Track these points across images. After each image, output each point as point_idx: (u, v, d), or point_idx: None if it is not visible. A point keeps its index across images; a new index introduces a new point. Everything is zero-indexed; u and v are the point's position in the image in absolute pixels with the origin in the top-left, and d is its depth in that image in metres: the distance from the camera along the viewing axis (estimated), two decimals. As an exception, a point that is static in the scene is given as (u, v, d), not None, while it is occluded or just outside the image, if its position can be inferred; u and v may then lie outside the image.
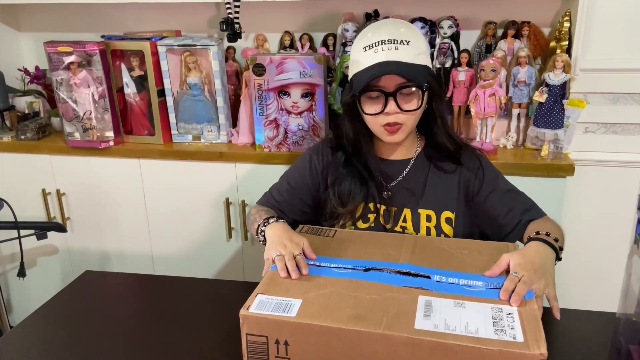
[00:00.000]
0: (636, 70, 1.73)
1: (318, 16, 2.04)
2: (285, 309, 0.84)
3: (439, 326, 0.77)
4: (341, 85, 1.88)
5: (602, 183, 1.84)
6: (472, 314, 0.81)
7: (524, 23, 1.84)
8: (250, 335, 0.84)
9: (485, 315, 0.80)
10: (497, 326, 0.77)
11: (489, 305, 0.83)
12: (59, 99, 1.92)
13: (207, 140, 1.98)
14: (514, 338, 0.75)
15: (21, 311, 2.26)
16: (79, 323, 1.17)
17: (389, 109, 1.09)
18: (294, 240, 1.04)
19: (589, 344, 0.99)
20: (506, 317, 0.79)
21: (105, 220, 2.07)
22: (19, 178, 2.06)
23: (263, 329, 0.83)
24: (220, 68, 1.87)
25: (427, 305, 0.83)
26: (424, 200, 1.19)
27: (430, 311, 0.82)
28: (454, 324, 0.78)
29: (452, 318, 0.79)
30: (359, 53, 1.12)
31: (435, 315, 0.80)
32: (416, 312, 0.81)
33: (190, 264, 2.05)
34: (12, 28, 2.30)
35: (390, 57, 1.07)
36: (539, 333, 0.76)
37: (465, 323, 0.78)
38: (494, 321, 0.79)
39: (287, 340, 0.82)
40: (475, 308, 0.82)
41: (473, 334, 0.76)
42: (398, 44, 1.07)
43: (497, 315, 0.80)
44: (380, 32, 1.10)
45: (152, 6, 2.08)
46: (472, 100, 1.77)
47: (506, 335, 0.75)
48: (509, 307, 0.82)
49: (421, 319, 0.79)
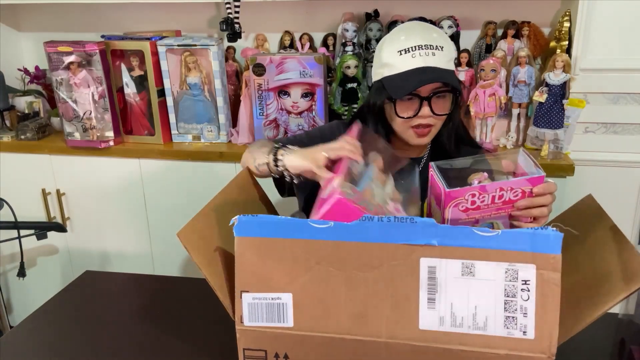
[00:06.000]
0: (636, 70, 1.73)
1: (318, 16, 2.04)
2: (279, 313, 0.78)
3: (444, 320, 0.72)
4: (341, 85, 1.88)
5: (602, 183, 1.84)
6: (482, 288, 0.71)
7: (524, 23, 1.84)
8: (247, 350, 0.80)
9: (497, 292, 0.70)
10: (509, 310, 0.70)
11: (504, 267, 0.70)
12: (59, 99, 1.92)
13: (207, 140, 1.97)
14: (525, 333, 0.70)
15: (21, 311, 2.26)
16: (79, 323, 1.17)
17: (423, 113, 1.10)
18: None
19: (590, 344, 0.99)
20: (521, 289, 0.70)
21: (105, 220, 2.07)
22: (19, 178, 2.06)
23: (261, 343, 0.79)
24: (220, 68, 1.87)
25: (430, 277, 0.73)
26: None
27: (434, 290, 0.73)
28: (461, 314, 0.72)
29: (459, 301, 0.72)
30: (392, 56, 1.11)
31: (440, 299, 0.72)
32: (419, 296, 0.73)
33: (190, 264, 2.05)
34: (12, 28, 2.30)
35: (428, 63, 1.08)
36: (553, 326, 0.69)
37: (474, 310, 0.71)
38: (505, 300, 0.70)
39: (286, 353, 0.78)
40: (487, 274, 0.71)
41: (481, 330, 0.71)
42: (434, 50, 1.08)
43: (510, 289, 0.70)
44: (415, 37, 1.10)
45: (152, 6, 2.07)
46: (472, 100, 1.77)
47: (516, 328, 0.70)
48: (526, 267, 0.69)
49: (425, 309, 0.73)
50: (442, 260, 0.72)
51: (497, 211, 0.87)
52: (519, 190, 0.86)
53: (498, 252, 0.70)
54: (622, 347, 0.93)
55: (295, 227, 0.77)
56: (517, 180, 0.86)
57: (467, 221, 0.86)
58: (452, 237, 0.72)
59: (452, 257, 0.72)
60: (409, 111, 1.11)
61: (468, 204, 0.84)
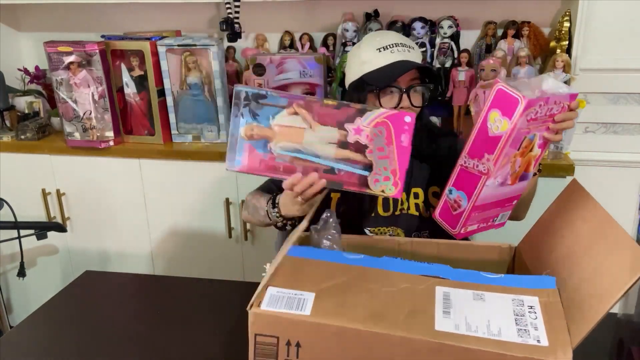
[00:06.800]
0: (636, 70, 1.73)
1: (318, 16, 2.04)
2: (299, 305, 0.79)
3: (460, 327, 0.74)
4: (341, 85, 1.88)
5: (602, 183, 1.84)
6: (493, 308, 0.77)
7: (524, 23, 1.84)
8: (259, 335, 0.78)
9: (507, 311, 0.76)
10: (520, 324, 0.74)
11: (510, 297, 0.78)
12: (59, 99, 1.92)
13: (207, 140, 1.97)
14: (538, 341, 0.71)
15: (21, 311, 2.26)
16: (79, 323, 1.17)
17: (404, 104, 1.18)
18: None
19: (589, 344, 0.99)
20: (528, 312, 0.76)
21: (105, 220, 2.07)
22: (19, 178, 2.06)
23: (275, 329, 0.77)
24: (220, 68, 1.87)
25: (445, 299, 0.79)
26: (413, 180, 1.28)
27: (449, 306, 0.78)
28: (475, 323, 0.74)
29: (472, 315, 0.76)
30: (370, 54, 1.20)
31: (455, 312, 0.76)
32: (435, 308, 0.77)
33: (190, 264, 2.05)
34: (12, 28, 2.30)
35: (406, 57, 1.18)
36: (564, 335, 0.72)
37: (487, 322, 0.74)
38: (516, 318, 0.75)
39: (299, 341, 0.77)
40: (496, 301, 0.78)
41: (496, 337, 0.72)
42: (408, 48, 1.20)
43: (518, 311, 0.76)
44: (390, 37, 1.21)
45: (152, 6, 2.07)
46: (472, 100, 1.77)
47: (530, 337, 0.72)
48: (529, 298, 0.77)
49: (441, 318, 0.75)
50: (455, 289, 0.81)
51: (542, 123, 0.96)
52: (561, 105, 0.95)
53: (504, 288, 0.80)
54: (622, 347, 0.93)
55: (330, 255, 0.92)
56: (565, 95, 0.95)
57: (525, 131, 0.94)
58: (462, 275, 0.84)
59: (464, 288, 0.81)
60: (392, 102, 1.19)
61: (533, 114, 0.92)
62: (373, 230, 1.25)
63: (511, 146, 0.94)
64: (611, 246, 0.81)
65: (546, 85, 0.96)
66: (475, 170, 0.99)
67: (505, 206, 1.07)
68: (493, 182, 0.98)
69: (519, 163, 0.99)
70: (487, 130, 0.95)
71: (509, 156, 0.96)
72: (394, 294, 0.81)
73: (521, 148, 0.96)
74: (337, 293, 0.82)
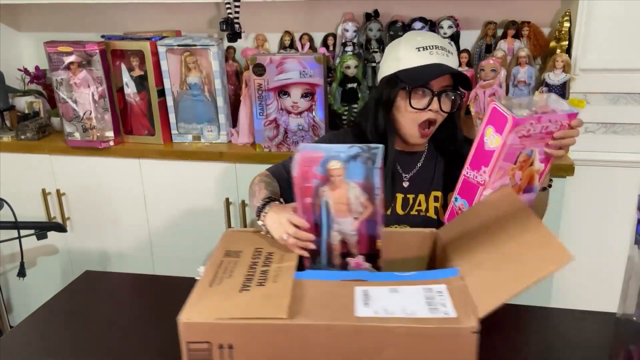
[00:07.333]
0: (636, 70, 1.73)
1: (318, 16, 2.04)
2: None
3: (378, 312, 0.81)
4: (341, 85, 1.88)
5: (602, 183, 1.84)
6: (407, 297, 0.85)
7: (524, 23, 1.84)
8: (191, 343, 0.80)
9: (419, 297, 0.84)
10: (431, 305, 0.82)
11: (421, 287, 0.87)
12: (59, 99, 1.92)
13: (207, 140, 1.97)
14: (447, 314, 0.79)
15: (21, 311, 2.26)
16: (79, 323, 1.17)
17: (433, 107, 1.20)
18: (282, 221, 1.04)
19: (589, 344, 1.00)
20: (437, 296, 0.84)
21: (105, 220, 2.07)
22: (19, 178, 2.06)
23: (205, 335, 0.79)
24: (220, 68, 1.87)
25: (364, 295, 0.85)
26: (434, 184, 1.30)
27: (368, 299, 0.84)
28: (392, 308, 0.81)
29: (389, 303, 0.83)
30: (410, 52, 1.20)
31: (374, 303, 0.83)
32: (355, 302, 0.83)
33: (190, 264, 2.04)
34: (12, 28, 2.30)
35: (444, 61, 1.19)
36: (470, 307, 0.79)
37: (402, 307, 0.82)
38: (427, 301, 0.83)
39: (230, 343, 0.79)
40: (409, 292, 0.86)
41: (410, 315, 0.80)
42: (447, 53, 1.21)
43: (429, 296, 0.84)
44: (431, 39, 1.22)
45: (152, 6, 2.07)
46: (472, 100, 1.77)
47: (440, 313, 0.79)
48: (438, 286, 0.86)
49: (361, 307, 0.82)
50: (372, 287, 0.87)
51: (540, 140, 1.03)
52: (559, 123, 1.01)
53: (416, 282, 0.88)
54: (622, 347, 0.94)
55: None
56: (561, 115, 1.01)
57: (518, 147, 1.01)
58: (379, 277, 0.91)
59: (380, 285, 0.88)
60: (421, 103, 1.20)
61: (525, 132, 0.99)
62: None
63: (505, 160, 1.02)
64: (535, 241, 0.88)
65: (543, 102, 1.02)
66: (475, 180, 1.06)
67: None
68: (490, 192, 1.05)
69: (519, 176, 1.06)
70: (484, 145, 1.02)
71: (505, 169, 1.03)
72: (316, 296, 0.86)
73: (518, 162, 1.04)
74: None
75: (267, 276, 0.91)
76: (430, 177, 1.32)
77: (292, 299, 0.83)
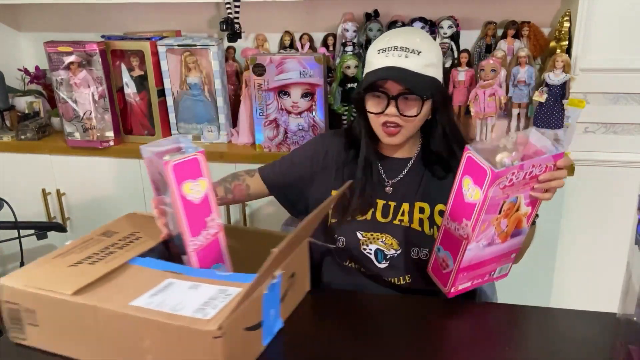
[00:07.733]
0: (636, 70, 1.73)
1: (318, 16, 2.04)
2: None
3: (152, 304, 0.86)
4: (341, 85, 1.88)
5: (602, 183, 1.84)
6: (197, 294, 0.89)
7: (524, 23, 1.84)
8: (7, 302, 0.96)
9: (206, 296, 0.88)
10: (205, 305, 0.85)
11: (218, 288, 0.91)
12: (59, 99, 1.92)
13: (207, 140, 1.98)
14: (206, 316, 0.82)
15: (21, 311, 2.26)
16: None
17: (389, 111, 1.15)
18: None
19: (589, 344, 0.99)
20: (222, 297, 0.87)
21: (105, 220, 2.05)
22: (19, 178, 2.06)
23: (15, 297, 0.95)
24: (220, 68, 1.87)
25: (165, 287, 0.92)
26: (419, 194, 1.23)
27: (160, 291, 0.90)
28: (169, 303, 0.86)
29: (174, 298, 0.88)
30: (373, 54, 1.17)
31: (161, 295, 0.89)
32: (148, 291, 0.90)
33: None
34: (12, 28, 2.30)
35: (397, 64, 1.12)
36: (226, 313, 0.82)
37: (180, 302, 0.86)
38: (207, 301, 0.86)
39: (31, 308, 0.94)
40: (206, 290, 0.90)
41: (174, 312, 0.84)
42: (409, 53, 1.12)
43: (215, 296, 0.88)
44: (397, 39, 1.15)
45: (152, 6, 2.07)
46: (472, 100, 1.77)
47: (201, 314, 0.83)
48: (234, 289, 0.90)
49: (145, 297, 0.88)
50: (181, 281, 0.94)
51: (524, 186, 0.94)
52: (544, 166, 0.93)
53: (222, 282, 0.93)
54: (621, 347, 0.93)
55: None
56: (545, 158, 0.93)
57: (501, 197, 0.93)
58: (200, 273, 0.97)
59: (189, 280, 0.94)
60: (377, 107, 1.17)
61: (507, 182, 0.91)
62: (365, 235, 1.21)
63: (488, 212, 0.93)
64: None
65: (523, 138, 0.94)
66: (457, 233, 0.98)
67: (501, 261, 1.06)
68: (477, 245, 0.97)
69: (504, 224, 0.98)
70: (463, 196, 0.95)
71: (489, 221, 0.95)
72: (126, 280, 0.95)
73: (503, 211, 0.95)
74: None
75: (106, 258, 1.00)
76: (415, 186, 1.24)
77: (99, 280, 0.93)
